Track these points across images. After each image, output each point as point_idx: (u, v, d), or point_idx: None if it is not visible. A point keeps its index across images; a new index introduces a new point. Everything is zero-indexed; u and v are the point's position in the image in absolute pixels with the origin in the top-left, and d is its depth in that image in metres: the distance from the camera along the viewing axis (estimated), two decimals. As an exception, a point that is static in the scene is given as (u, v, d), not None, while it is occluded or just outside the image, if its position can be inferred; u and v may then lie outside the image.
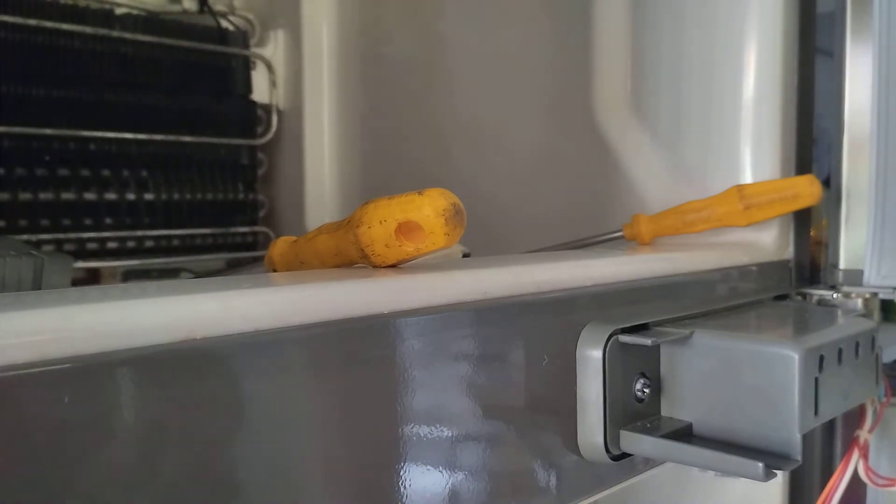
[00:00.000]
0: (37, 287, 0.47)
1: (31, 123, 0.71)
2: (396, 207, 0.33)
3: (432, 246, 0.33)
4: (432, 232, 0.33)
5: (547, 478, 0.38)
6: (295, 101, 0.91)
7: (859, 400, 0.49)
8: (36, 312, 0.23)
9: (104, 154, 0.76)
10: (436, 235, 0.33)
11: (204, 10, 0.86)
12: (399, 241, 0.33)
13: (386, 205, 0.33)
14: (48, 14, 0.72)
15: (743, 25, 0.57)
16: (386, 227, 0.33)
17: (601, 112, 0.67)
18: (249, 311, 0.27)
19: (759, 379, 0.38)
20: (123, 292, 0.28)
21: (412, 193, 0.33)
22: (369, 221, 0.34)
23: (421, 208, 0.33)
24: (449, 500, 0.34)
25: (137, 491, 0.24)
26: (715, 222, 0.55)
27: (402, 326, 0.31)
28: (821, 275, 0.59)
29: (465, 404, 0.34)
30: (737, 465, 0.37)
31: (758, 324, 0.46)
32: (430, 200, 0.33)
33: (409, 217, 0.33)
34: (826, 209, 0.58)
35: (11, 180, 0.70)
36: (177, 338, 0.25)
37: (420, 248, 0.33)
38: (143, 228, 0.79)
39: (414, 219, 0.33)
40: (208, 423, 0.25)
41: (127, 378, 0.24)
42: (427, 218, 0.33)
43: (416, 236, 0.33)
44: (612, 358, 0.38)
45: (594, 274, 0.41)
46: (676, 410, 0.41)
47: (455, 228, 0.33)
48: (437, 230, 0.33)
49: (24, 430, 0.22)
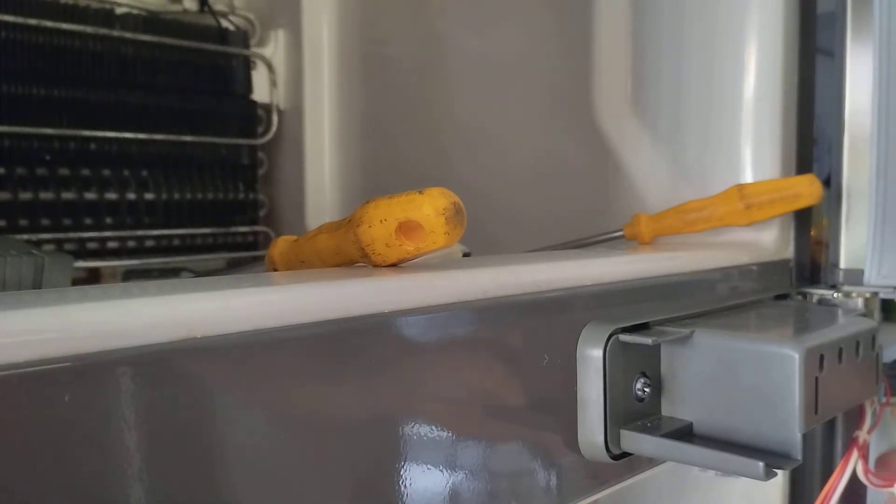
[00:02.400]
0: (37, 286, 0.47)
1: (32, 123, 0.71)
2: (397, 207, 0.33)
3: (433, 245, 0.33)
4: (433, 231, 0.33)
5: (547, 477, 0.38)
6: (295, 101, 0.91)
7: (859, 399, 0.49)
8: (36, 311, 0.23)
9: (105, 154, 0.76)
10: (436, 234, 0.33)
11: (204, 9, 0.86)
12: (399, 241, 0.33)
13: (386, 204, 0.33)
14: (48, 13, 0.72)
15: (743, 25, 0.57)
16: (386, 226, 0.33)
17: (601, 112, 0.67)
18: (250, 310, 0.27)
19: (759, 378, 0.38)
20: (124, 291, 0.28)
21: (413, 193, 0.33)
22: (370, 221, 0.34)
23: (421, 207, 0.33)
24: (449, 499, 0.34)
25: (137, 489, 0.24)
26: (716, 221, 0.55)
27: (403, 326, 0.31)
28: (821, 274, 0.59)
29: (465, 403, 0.34)
30: (737, 464, 0.37)
31: (758, 323, 0.46)
32: (431, 200, 0.33)
33: (409, 216, 0.33)
34: (826, 209, 0.58)
35: (12, 180, 0.70)
36: (177, 337, 0.25)
37: (420, 247, 0.33)
38: (144, 228, 0.79)
39: (414, 218, 0.33)
40: (208, 421, 0.25)
41: (127, 377, 0.24)
42: (427, 217, 0.32)
43: (417, 235, 0.33)
44: (612, 357, 0.38)
45: (595, 273, 0.41)
46: (677, 410, 0.41)
47: (455, 228, 0.33)
48: (437, 229, 0.33)
49: (24, 429, 0.22)
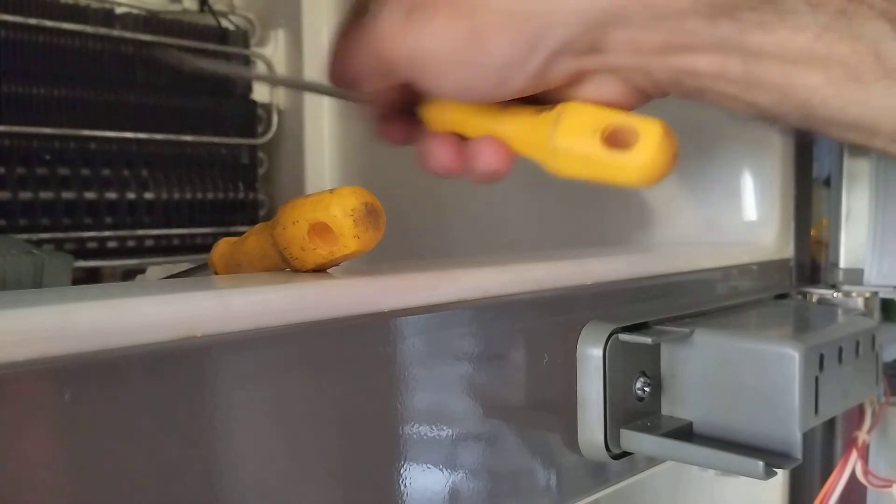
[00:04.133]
0: (37, 286, 0.47)
1: (32, 123, 0.71)
2: (308, 207, 0.31)
3: (344, 249, 0.31)
4: (342, 234, 0.30)
5: (547, 476, 0.38)
6: (295, 100, 0.90)
7: (859, 399, 0.49)
8: (36, 310, 0.23)
9: (104, 153, 0.76)
10: (345, 238, 0.30)
11: (204, 9, 0.86)
12: (314, 244, 0.31)
13: (301, 204, 0.31)
14: (48, 13, 0.72)
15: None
16: (299, 227, 0.31)
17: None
18: (250, 310, 0.27)
19: (759, 377, 0.38)
20: (124, 290, 0.28)
21: (324, 192, 0.31)
22: (284, 222, 0.32)
23: (328, 208, 0.30)
24: (449, 498, 0.34)
25: (137, 488, 0.24)
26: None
27: (403, 325, 0.31)
28: (821, 274, 0.59)
29: (465, 403, 0.34)
30: (737, 463, 0.37)
31: (758, 322, 0.46)
32: (339, 199, 0.30)
33: (318, 217, 0.31)
34: (826, 208, 0.58)
35: (12, 179, 0.70)
36: (177, 335, 0.25)
37: (333, 251, 0.31)
38: (144, 228, 0.79)
39: (322, 219, 0.31)
40: (208, 420, 0.25)
41: (127, 376, 0.24)
42: (334, 218, 0.30)
43: (328, 238, 0.31)
44: (612, 357, 0.38)
45: (595, 272, 0.41)
46: (677, 409, 0.41)
47: (366, 231, 0.30)
48: (345, 232, 0.30)
49: (24, 428, 0.22)
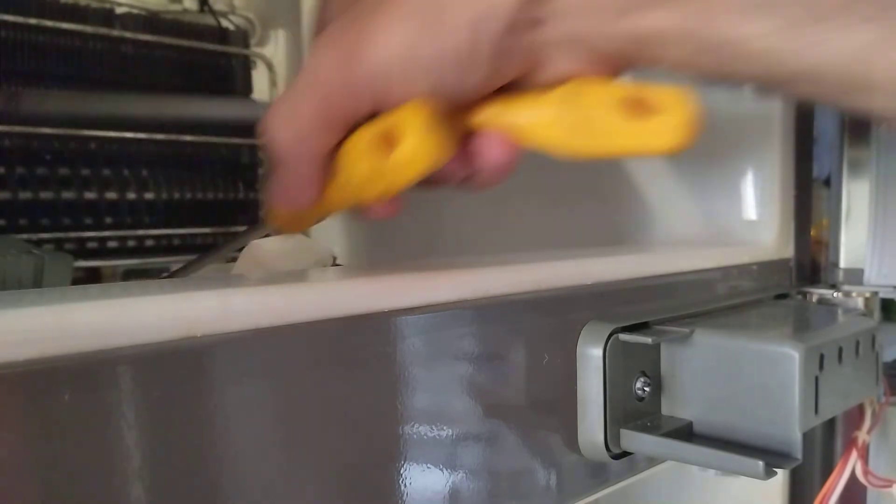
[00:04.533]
0: (37, 286, 0.47)
1: (31, 123, 0.71)
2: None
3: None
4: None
5: (547, 476, 0.38)
6: (295, 100, 0.90)
7: (859, 399, 0.49)
8: (36, 310, 0.23)
9: (105, 153, 0.76)
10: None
11: (204, 9, 0.86)
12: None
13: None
14: (48, 13, 0.72)
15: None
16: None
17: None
18: (250, 310, 0.27)
19: (759, 377, 0.38)
20: (124, 290, 0.28)
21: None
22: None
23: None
24: (449, 498, 0.34)
25: (137, 488, 0.24)
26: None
27: (403, 325, 0.31)
28: (821, 274, 0.59)
29: (465, 403, 0.34)
30: (737, 463, 0.37)
31: (758, 322, 0.46)
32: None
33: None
34: (826, 208, 0.58)
35: (12, 179, 0.70)
36: (177, 335, 0.25)
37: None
38: (144, 228, 0.78)
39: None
40: (208, 420, 0.25)
41: (127, 376, 0.24)
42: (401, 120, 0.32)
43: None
44: (612, 356, 0.38)
45: (595, 272, 0.41)
46: (677, 409, 0.41)
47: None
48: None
49: (24, 427, 0.22)
